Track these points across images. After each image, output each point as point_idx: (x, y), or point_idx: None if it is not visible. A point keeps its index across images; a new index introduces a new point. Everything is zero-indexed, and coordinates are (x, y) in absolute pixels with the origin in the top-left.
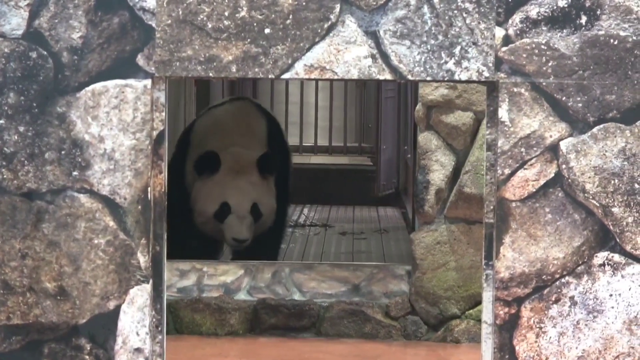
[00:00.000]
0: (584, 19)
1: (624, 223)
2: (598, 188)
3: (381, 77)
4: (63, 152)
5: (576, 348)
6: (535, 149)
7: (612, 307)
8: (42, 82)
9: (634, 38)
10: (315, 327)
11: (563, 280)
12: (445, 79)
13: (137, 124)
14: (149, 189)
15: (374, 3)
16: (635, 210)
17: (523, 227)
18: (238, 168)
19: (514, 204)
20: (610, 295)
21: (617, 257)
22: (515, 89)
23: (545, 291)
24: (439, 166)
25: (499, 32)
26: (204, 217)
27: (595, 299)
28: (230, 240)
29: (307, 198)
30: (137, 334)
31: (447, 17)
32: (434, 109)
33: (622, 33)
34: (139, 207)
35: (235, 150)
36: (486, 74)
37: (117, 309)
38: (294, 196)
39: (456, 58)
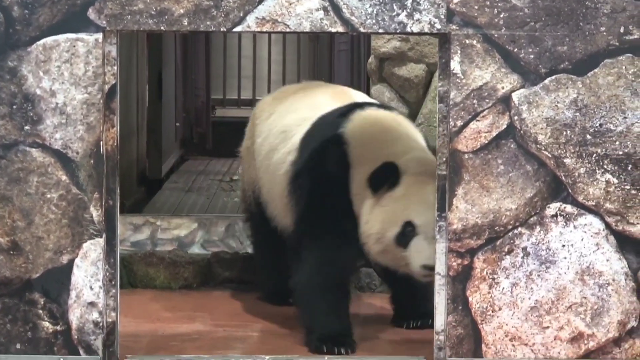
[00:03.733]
0: None
1: (576, 174)
2: (550, 139)
3: (333, 30)
4: (14, 107)
5: (529, 299)
6: (487, 100)
7: (565, 258)
8: None
9: None
10: None
11: (516, 231)
12: (397, 31)
13: (89, 77)
14: (101, 143)
15: None
16: (587, 161)
17: (475, 178)
18: (424, 177)
19: (466, 156)
20: (563, 246)
21: (569, 208)
22: (467, 41)
23: (498, 242)
24: None
25: None
26: (382, 243)
27: (547, 250)
28: (417, 270)
29: None
30: (91, 288)
31: None
32: (387, 61)
33: None
34: (92, 161)
35: (418, 156)
36: (438, 26)
37: (71, 263)
38: None
39: (408, 10)
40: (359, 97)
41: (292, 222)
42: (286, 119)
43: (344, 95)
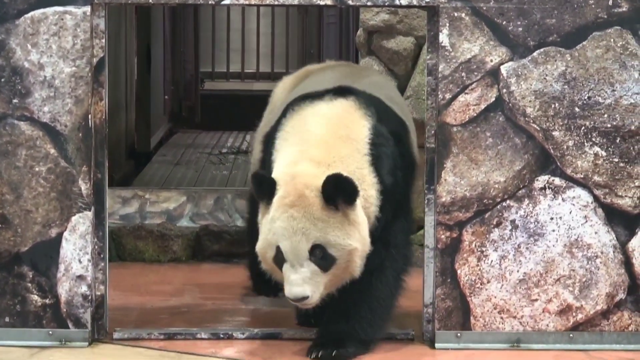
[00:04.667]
0: None
1: (565, 147)
2: (539, 112)
3: (322, 3)
4: (2, 80)
5: (517, 271)
6: (475, 73)
7: (553, 231)
8: None
9: None
10: None
11: (504, 204)
12: (386, 4)
13: (77, 51)
14: (89, 116)
15: None
16: (575, 133)
17: (464, 151)
18: (294, 197)
19: (455, 129)
20: (551, 218)
21: (557, 181)
22: (455, 14)
23: (487, 215)
24: None
25: None
26: (267, 263)
27: (536, 223)
28: (290, 300)
29: (250, 125)
30: (80, 261)
31: None
32: (375, 34)
33: None
34: (80, 134)
35: (297, 171)
36: None
37: (59, 236)
38: (238, 123)
39: None
40: (372, 77)
41: None
42: None
43: (355, 75)
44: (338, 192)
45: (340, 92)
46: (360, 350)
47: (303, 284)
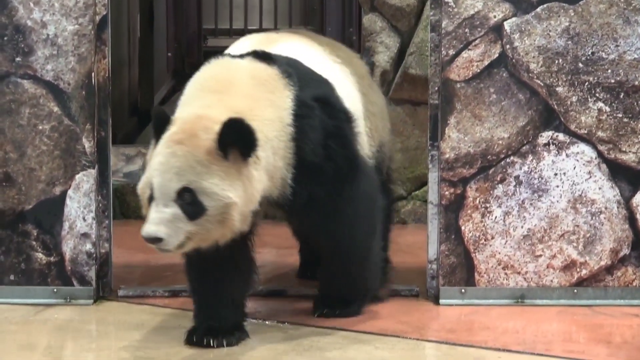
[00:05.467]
0: None
1: (568, 102)
2: (542, 68)
3: None
4: (5, 38)
5: (522, 227)
6: (479, 29)
7: (557, 186)
8: None
9: None
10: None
11: (508, 160)
12: None
13: (80, 8)
14: (92, 74)
15: None
16: (579, 89)
17: (468, 107)
18: (185, 135)
19: (458, 85)
20: (555, 174)
21: (561, 137)
22: None
23: (491, 171)
24: (383, 48)
25: None
26: (145, 208)
27: (540, 178)
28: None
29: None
30: (84, 219)
31: None
32: None
33: None
34: (83, 92)
35: (206, 113)
36: None
37: (63, 194)
38: None
39: None
40: (291, 46)
41: None
42: None
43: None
44: (235, 139)
45: (260, 56)
46: (363, 305)
47: (159, 224)
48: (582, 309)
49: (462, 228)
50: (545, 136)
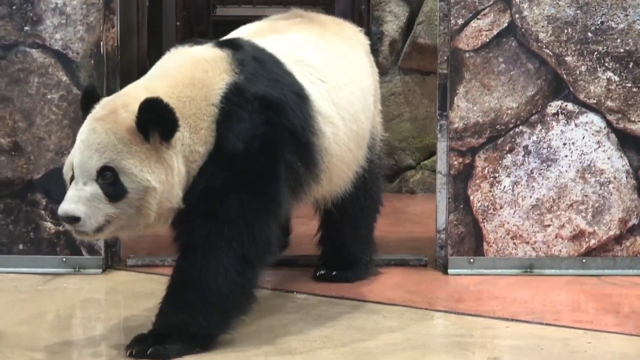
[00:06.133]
0: None
1: (577, 72)
2: (551, 37)
3: None
4: (14, 7)
5: (530, 197)
6: None
7: (566, 156)
8: None
9: None
10: None
11: (517, 129)
12: None
13: None
14: (101, 43)
15: None
16: (588, 59)
17: (477, 77)
18: (106, 112)
19: (467, 54)
20: (564, 144)
21: (570, 106)
22: None
23: (499, 141)
24: (392, 17)
25: None
26: (67, 186)
27: (549, 148)
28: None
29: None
30: None
31: None
32: None
33: None
34: (92, 61)
35: (125, 92)
36: None
37: None
38: None
39: None
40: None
41: None
42: None
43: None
44: (153, 119)
45: (224, 43)
46: (187, 347)
47: (77, 202)
48: (591, 279)
49: (471, 198)
50: (554, 106)
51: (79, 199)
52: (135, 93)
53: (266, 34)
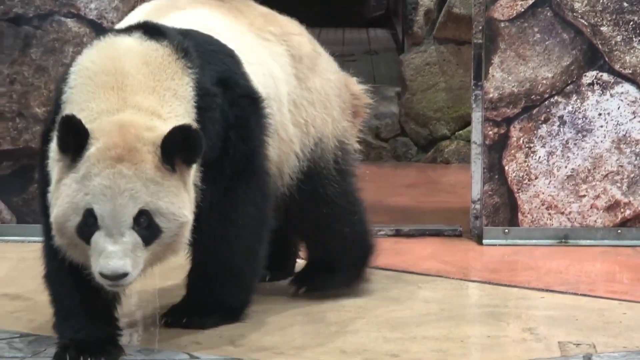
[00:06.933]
0: None
1: (613, 42)
2: (587, 7)
3: None
4: None
5: (565, 167)
6: None
7: (601, 126)
8: None
9: None
10: None
11: (552, 99)
12: None
13: None
14: None
15: None
16: (623, 29)
17: (512, 47)
18: (124, 150)
19: (502, 24)
20: (599, 114)
21: (605, 76)
22: None
23: (535, 111)
24: None
25: None
26: (66, 236)
27: (584, 118)
28: (97, 277)
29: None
30: None
31: None
32: None
33: None
34: None
35: (122, 120)
36: None
37: None
38: None
39: None
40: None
41: None
42: None
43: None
44: (180, 147)
45: (149, 30)
46: (222, 318)
47: (124, 257)
48: (626, 250)
49: (506, 168)
50: (589, 76)
51: (124, 253)
52: (137, 121)
53: (166, 12)
